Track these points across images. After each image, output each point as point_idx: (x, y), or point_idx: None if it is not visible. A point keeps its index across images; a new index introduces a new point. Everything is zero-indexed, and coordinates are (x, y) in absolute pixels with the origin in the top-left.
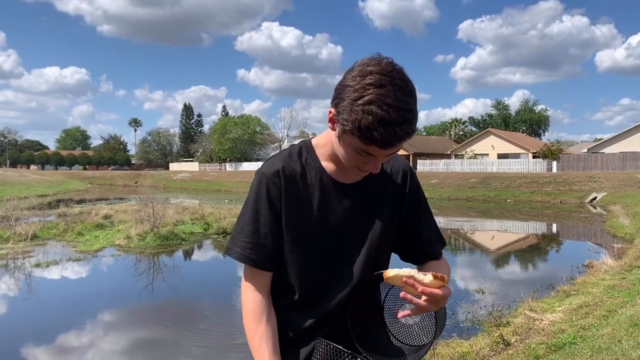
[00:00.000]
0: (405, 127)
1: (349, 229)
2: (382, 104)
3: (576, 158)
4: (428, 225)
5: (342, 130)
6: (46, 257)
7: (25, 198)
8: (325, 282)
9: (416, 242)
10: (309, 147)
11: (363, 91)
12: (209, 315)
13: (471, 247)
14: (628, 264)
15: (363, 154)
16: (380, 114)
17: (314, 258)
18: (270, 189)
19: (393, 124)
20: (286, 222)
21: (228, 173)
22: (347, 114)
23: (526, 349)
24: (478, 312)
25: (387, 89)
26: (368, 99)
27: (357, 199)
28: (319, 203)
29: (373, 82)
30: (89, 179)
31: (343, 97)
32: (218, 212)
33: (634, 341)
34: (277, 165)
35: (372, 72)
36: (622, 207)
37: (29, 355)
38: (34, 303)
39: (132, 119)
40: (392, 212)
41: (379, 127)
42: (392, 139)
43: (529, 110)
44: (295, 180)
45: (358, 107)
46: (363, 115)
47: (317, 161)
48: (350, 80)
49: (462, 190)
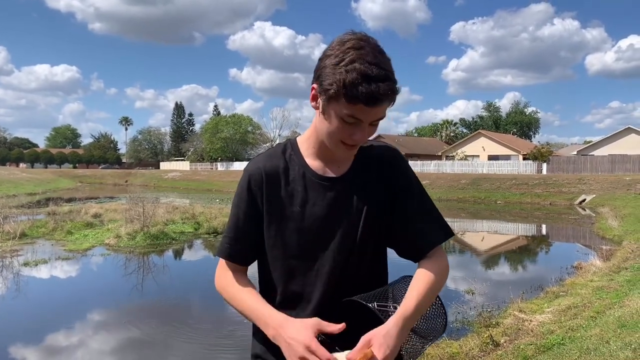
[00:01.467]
0: (389, 83)
1: (333, 222)
2: (363, 62)
3: (566, 160)
4: (420, 215)
5: (327, 98)
6: (35, 256)
7: (14, 196)
8: (308, 276)
9: (405, 234)
10: (293, 144)
11: (343, 55)
12: (199, 315)
13: (461, 248)
14: (616, 265)
15: (350, 120)
16: (363, 69)
17: (296, 253)
18: (251, 186)
19: (376, 79)
20: (268, 218)
21: (219, 172)
22: (331, 78)
23: (515, 350)
24: (468, 312)
25: (366, 50)
26: (349, 59)
27: (341, 192)
28: (302, 198)
29: (352, 45)
30: (79, 178)
31: (324, 68)
32: (209, 211)
33: (621, 342)
34: (260, 163)
35: (350, 39)
36: (610, 209)
37: (17, 354)
38: (22, 302)
39: (123, 118)
40: (379, 204)
41: (363, 81)
42: (376, 94)
43: (520, 112)
44: (277, 177)
45: (341, 68)
46: (347, 74)
47: (301, 157)
48: (328, 51)
49: (453, 191)
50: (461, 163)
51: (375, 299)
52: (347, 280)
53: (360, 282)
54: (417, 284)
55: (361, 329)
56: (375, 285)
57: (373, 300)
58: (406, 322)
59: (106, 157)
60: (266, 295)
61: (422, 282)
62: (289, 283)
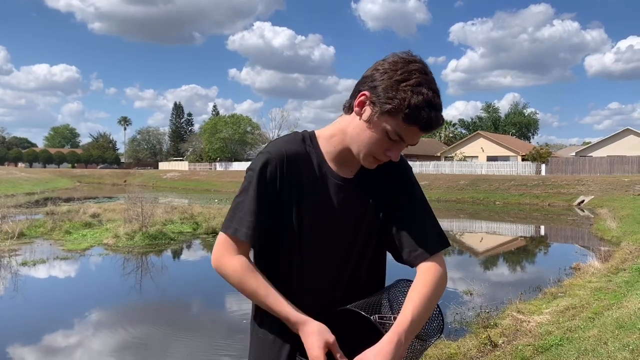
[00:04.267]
0: (441, 115)
1: (341, 221)
2: (429, 88)
3: (564, 161)
4: (421, 222)
5: (381, 110)
6: (33, 256)
7: (13, 196)
8: (311, 269)
9: (404, 240)
10: (312, 136)
11: (409, 75)
12: (198, 315)
13: (460, 248)
14: (614, 266)
15: (394, 137)
16: (430, 95)
17: (303, 243)
18: (272, 169)
19: (437, 108)
20: (282, 203)
21: (218, 173)
22: (393, 93)
23: (513, 351)
24: (466, 313)
25: (430, 77)
26: (416, 82)
27: (352, 193)
28: (315, 191)
29: (418, 68)
30: (78, 178)
31: (381, 80)
32: (207, 211)
33: (619, 343)
34: (282, 147)
35: (415, 61)
36: (609, 211)
37: (15, 354)
38: (20, 302)
39: (122, 118)
40: (384, 208)
41: (426, 107)
42: (434, 122)
43: (519, 114)
44: (297, 164)
45: (407, 87)
46: (412, 95)
47: (320, 152)
48: (388, 65)
49: (452, 192)
50: (460, 164)
51: (373, 307)
52: (348, 277)
53: (361, 281)
54: (413, 296)
55: (359, 336)
56: (373, 285)
57: (369, 307)
58: (402, 337)
59: (105, 157)
60: None
61: (419, 294)
62: (291, 272)
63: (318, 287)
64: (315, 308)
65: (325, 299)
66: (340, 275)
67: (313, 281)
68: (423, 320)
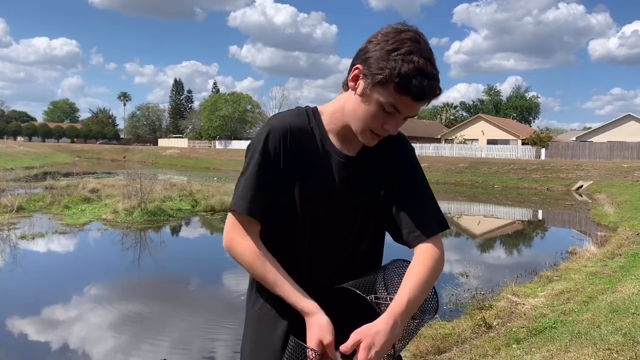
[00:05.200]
0: (437, 84)
1: (343, 199)
2: (420, 56)
3: (564, 146)
4: (420, 203)
5: (373, 82)
6: (32, 230)
7: (11, 170)
8: (308, 250)
9: (404, 220)
10: (315, 112)
11: (400, 44)
12: (196, 291)
13: (457, 231)
14: (610, 251)
15: (389, 109)
16: (421, 63)
17: (305, 219)
18: (275, 143)
19: (429, 76)
20: (286, 177)
21: (217, 151)
22: (384, 63)
23: (507, 332)
24: (462, 295)
25: (422, 45)
26: (407, 50)
27: (354, 171)
28: (318, 168)
29: (410, 37)
30: (77, 152)
31: (374, 51)
32: (206, 189)
33: (612, 327)
34: (286, 120)
35: (407, 30)
36: (607, 196)
37: (14, 327)
38: (19, 275)
39: (122, 93)
40: (386, 187)
41: (418, 75)
42: (427, 91)
43: (520, 97)
44: (300, 139)
45: (397, 56)
46: (403, 63)
47: (323, 129)
48: (381, 37)
49: (451, 175)
50: (460, 147)
51: (368, 286)
52: (348, 255)
53: (360, 260)
54: (410, 278)
55: (353, 314)
56: (371, 264)
57: (365, 286)
58: (397, 319)
59: (104, 133)
60: None
61: (416, 276)
62: (292, 247)
63: (318, 264)
64: (314, 285)
65: (324, 277)
66: (340, 253)
67: (313, 258)
68: (419, 302)
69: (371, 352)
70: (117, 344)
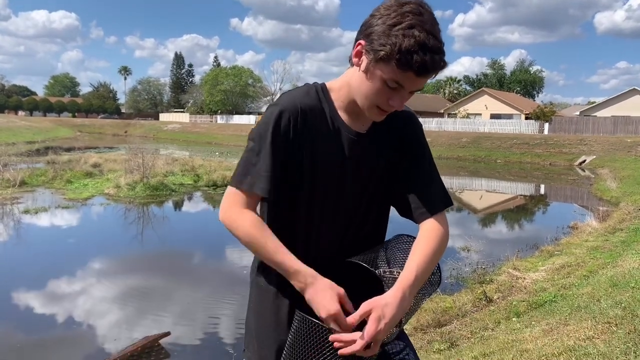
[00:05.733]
0: (442, 56)
1: (350, 176)
2: (422, 29)
3: (568, 120)
4: (428, 179)
5: (375, 58)
6: (35, 204)
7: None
8: (315, 226)
9: (412, 196)
10: (324, 89)
11: (401, 17)
12: (199, 265)
13: (459, 206)
14: (612, 226)
15: (393, 85)
16: (422, 37)
17: (315, 196)
18: (286, 122)
19: (432, 50)
20: (296, 156)
21: (219, 125)
22: (385, 38)
23: (507, 306)
24: (462, 269)
25: (425, 17)
26: (408, 24)
27: (365, 148)
28: (329, 146)
29: (411, 10)
30: (78, 127)
31: (376, 26)
32: (208, 164)
33: (612, 300)
34: (297, 100)
35: (409, 2)
36: (610, 171)
37: (19, 300)
38: (22, 249)
39: (122, 67)
40: (395, 163)
41: (419, 50)
42: (429, 65)
43: (524, 71)
44: (312, 118)
45: (398, 31)
46: (404, 39)
47: (333, 106)
48: (383, 10)
49: (453, 150)
50: (463, 121)
51: (370, 262)
52: (354, 232)
53: (364, 236)
54: (417, 253)
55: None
56: (375, 240)
57: (368, 261)
58: (406, 292)
59: (105, 107)
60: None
61: (423, 251)
62: (299, 225)
63: (324, 241)
64: (320, 261)
65: (329, 253)
66: (346, 229)
67: (319, 234)
68: (426, 276)
69: (380, 324)
70: (121, 317)
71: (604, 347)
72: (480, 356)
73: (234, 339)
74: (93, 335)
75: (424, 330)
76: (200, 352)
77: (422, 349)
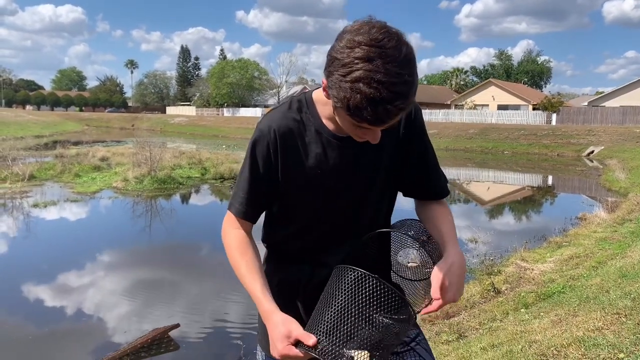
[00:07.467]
0: (399, 104)
1: (351, 179)
2: (370, 81)
3: (576, 111)
4: (432, 165)
5: (334, 105)
6: (44, 198)
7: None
8: (324, 234)
9: (420, 183)
10: (309, 102)
11: (351, 66)
12: (207, 259)
13: (466, 197)
14: (621, 217)
15: (359, 127)
16: (369, 92)
17: (313, 210)
18: (265, 147)
19: (384, 101)
20: (284, 177)
21: (225, 118)
22: (336, 91)
23: (516, 297)
24: (470, 260)
25: (376, 62)
26: (356, 76)
27: (358, 150)
28: (319, 158)
29: (361, 55)
30: (86, 121)
31: (332, 71)
32: (215, 157)
33: (621, 291)
34: (274, 122)
35: (361, 42)
36: (618, 162)
37: (29, 293)
38: (32, 242)
39: (129, 61)
40: (394, 158)
41: (368, 106)
42: (383, 117)
43: (532, 61)
44: (292, 137)
45: (346, 84)
46: (352, 94)
47: (318, 118)
48: (339, 52)
49: (461, 141)
50: (470, 112)
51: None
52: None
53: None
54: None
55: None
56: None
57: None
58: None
59: (112, 101)
60: (276, 247)
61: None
62: (302, 238)
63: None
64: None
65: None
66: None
67: (322, 238)
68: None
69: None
70: (130, 309)
71: (613, 338)
72: (489, 347)
73: (242, 331)
74: (103, 327)
75: (432, 321)
76: (210, 344)
77: (430, 340)
